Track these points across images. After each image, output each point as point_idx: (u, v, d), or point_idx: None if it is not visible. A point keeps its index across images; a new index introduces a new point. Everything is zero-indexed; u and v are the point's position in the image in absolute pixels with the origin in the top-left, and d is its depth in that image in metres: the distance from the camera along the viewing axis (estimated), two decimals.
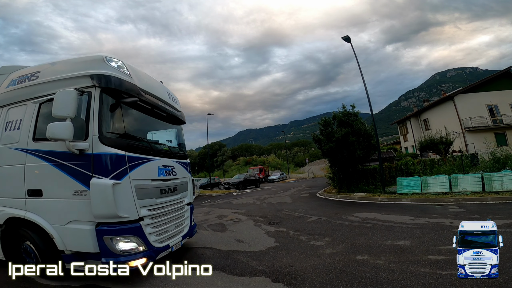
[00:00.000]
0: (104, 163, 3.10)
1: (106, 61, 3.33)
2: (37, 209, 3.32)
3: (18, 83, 3.74)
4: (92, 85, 3.21)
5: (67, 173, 3.18)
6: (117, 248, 3.11)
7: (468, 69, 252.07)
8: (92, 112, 3.16)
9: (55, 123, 2.91)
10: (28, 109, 3.55)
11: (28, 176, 3.39)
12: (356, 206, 9.47)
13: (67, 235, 3.18)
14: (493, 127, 22.63)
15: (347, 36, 12.81)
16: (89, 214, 3.06)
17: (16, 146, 3.52)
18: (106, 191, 3.00)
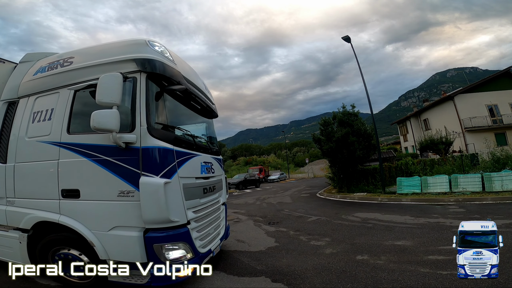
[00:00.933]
0: (154, 159, 2.72)
1: (150, 45, 2.98)
2: (73, 213, 2.90)
3: (48, 70, 3.32)
4: (137, 70, 2.84)
5: (111, 170, 2.76)
6: (167, 257, 2.76)
7: (468, 69, 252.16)
8: (139, 99, 2.77)
9: (100, 111, 2.49)
10: (61, 97, 3.13)
11: (63, 173, 2.97)
12: (356, 206, 9.47)
13: (111, 243, 2.78)
14: (493, 127, 22.64)
15: (347, 36, 12.82)
16: (137, 218, 2.68)
17: (46, 139, 3.09)
18: (159, 192, 2.61)
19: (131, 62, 2.87)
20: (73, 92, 3.08)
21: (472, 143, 21.52)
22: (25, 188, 3.22)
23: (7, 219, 3.34)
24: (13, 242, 3.32)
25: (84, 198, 2.88)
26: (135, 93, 2.79)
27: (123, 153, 2.73)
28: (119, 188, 2.74)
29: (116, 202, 2.76)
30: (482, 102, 23.13)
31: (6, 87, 3.64)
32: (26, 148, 3.24)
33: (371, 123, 13.28)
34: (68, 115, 3.05)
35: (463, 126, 22.79)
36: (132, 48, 2.98)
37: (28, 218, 3.14)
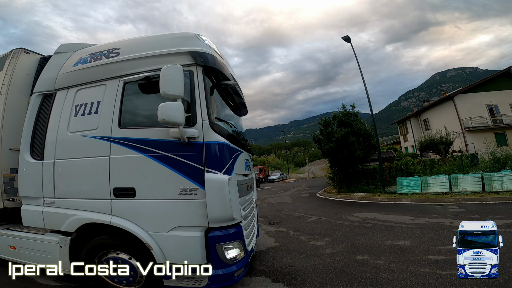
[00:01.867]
0: (216, 154, 2.59)
1: (200, 39, 2.88)
2: (127, 213, 2.70)
3: (91, 61, 3.11)
4: (193, 63, 2.71)
5: (171, 166, 2.58)
6: (227, 257, 2.61)
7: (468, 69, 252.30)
8: (198, 93, 2.66)
9: (168, 103, 2.35)
10: (108, 89, 2.94)
11: (115, 171, 2.74)
12: (356, 206, 9.47)
13: (170, 245, 2.61)
14: (493, 127, 22.63)
15: (347, 36, 12.82)
16: (199, 217, 2.55)
17: (94, 133, 2.87)
18: (224, 189, 2.50)
19: (186, 55, 2.74)
20: (123, 85, 2.88)
21: (472, 143, 21.51)
22: (67, 187, 2.98)
23: (44, 221, 3.08)
24: (51, 246, 3.08)
25: (140, 197, 2.67)
26: (193, 87, 2.67)
27: (185, 149, 2.57)
28: (180, 185, 2.57)
29: (177, 201, 2.59)
30: (482, 102, 23.12)
31: (40, 79, 3.41)
32: (68, 143, 2.99)
33: (371, 123, 13.28)
34: (119, 108, 2.84)
35: (463, 126, 22.78)
36: (184, 41, 2.85)
37: (72, 220, 2.90)
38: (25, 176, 3.22)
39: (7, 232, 3.58)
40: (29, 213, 3.19)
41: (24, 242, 3.34)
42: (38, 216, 3.10)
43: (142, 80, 2.77)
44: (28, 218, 3.21)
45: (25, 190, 3.23)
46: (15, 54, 3.71)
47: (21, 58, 3.73)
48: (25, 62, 3.76)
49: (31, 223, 3.21)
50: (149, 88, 2.78)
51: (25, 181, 3.22)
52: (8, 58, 3.70)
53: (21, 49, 3.79)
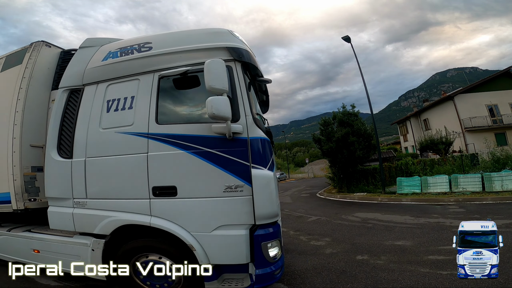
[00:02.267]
0: (261, 150, 2.53)
1: (234, 35, 2.82)
2: (168, 213, 2.57)
3: (121, 55, 2.99)
4: (231, 58, 2.66)
5: (215, 163, 2.49)
6: (270, 255, 2.51)
7: (468, 69, 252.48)
8: (239, 88, 2.60)
9: (216, 97, 2.27)
10: (143, 84, 2.83)
11: (154, 169, 2.61)
12: (356, 206, 9.48)
13: (213, 245, 2.50)
14: (493, 127, 22.64)
15: (347, 36, 12.83)
16: (245, 215, 2.45)
17: (129, 130, 2.73)
18: (271, 185, 2.47)
19: (223, 50, 2.67)
20: (158, 79, 2.78)
21: (472, 143, 21.51)
22: (101, 187, 2.82)
23: (74, 223, 2.89)
24: (81, 249, 2.89)
25: (182, 196, 2.55)
26: (233, 82, 2.60)
27: (229, 145, 2.48)
28: (225, 182, 2.47)
29: (222, 199, 2.48)
30: (482, 102, 23.12)
31: (67, 74, 3.24)
32: (100, 140, 2.84)
33: (371, 123, 13.29)
34: (155, 103, 2.73)
35: (463, 126, 22.78)
36: (219, 36, 2.78)
37: (108, 222, 2.74)
38: (52, 175, 3.02)
39: (30, 235, 3.37)
40: (57, 215, 2.99)
41: (50, 246, 3.14)
42: (68, 218, 2.91)
43: (178, 74, 2.67)
44: (56, 221, 3.02)
45: (52, 190, 3.02)
46: (36, 47, 3.55)
47: (42, 51, 3.56)
48: (46, 56, 3.60)
49: (59, 226, 3.01)
50: (185, 83, 2.71)
51: (52, 181, 3.02)
52: (28, 51, 3.53)
53: (42, 42, 3.62)
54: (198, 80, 2.64)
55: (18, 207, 3.27)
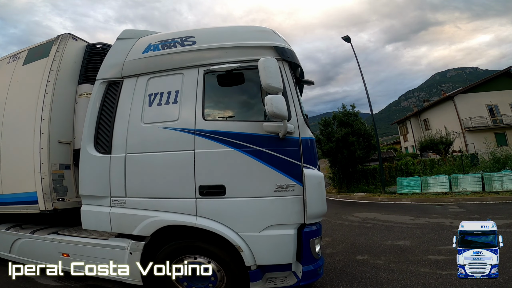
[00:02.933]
0: (311, 150, 2.54)
1: (278, 35, 2.78)
2: (215, 213, 2.48)
3: (163, 48, 2.87)
4: (279, 58, 2.59)
5: (266, 162, 2.43)
6: (316, 252, 2.54)
7: (468, 69, 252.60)
8: (289, 88, 2.56)
9: (275, 95, 2.22)
10: (187, 79, 2.73)
11: (201, 166, 2.50)
12: (356, 206, 9.48)
13: (261, 245, 2.44)
14: (493, 127, 22.63)
15: (347, 36, 12.83)
16: (295, 214, 2.43)
17: (174, 125, 2.62)
18: (322, 184, 2.51)
19: (270, 49, 2.62)
20: (203, 74, 2.69)
21: (472, 143, 21.50)
22: (142, 185, 2.66)
23: (111, 224, 2.72)
24: (118, 253, 2.71)
25: (230, 196, 2.46)
26: (283, 82, 2.51)
27: (280, 144, 2.44)
28: (277, 182, 2.42)
29: (273, 198, 2.43)
30: (482, 102, 23.12)
31: (104, 65, 3.10)
32: (142, 135, 2.71)
33: (371, 123, 13.30)
34: (201, 99, 2.63)
35: (463, 126, 22.78)
36: (263, 35, 2.74)
37: (149, 222, 2.60)
38: (88, 172, 2.85)
39: (58, 238, 3.17)
40: (92, 214, 2.82)
41: (82, 249, 2.95)
42: (104, 218, 2.74)
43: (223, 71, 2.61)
44: (90, 221, 2.85)
45: (87, 188, 2.86)
46: (63, 40, 3.46)
47: (69, 44, 3.47)
48: (72, 49, 3.51)
49: (94, 226, 2.85)
50: (230, 79, 2.66)
51: (88, 178, 2.85)
52: (55, 44, 3.44)
53: (69, 34, 3.54)
54: (243, 78, 2.64)
55: (46, 207, 3.07)
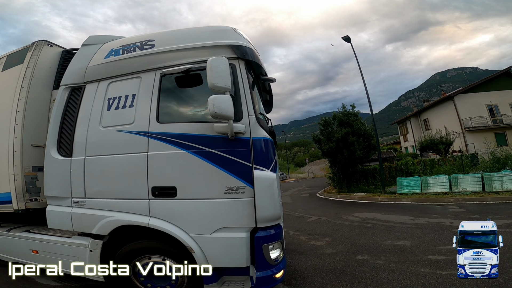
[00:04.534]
0: (263, 151, 2.47)
1: (238, 33, 2.75)
2: (167, 214, 2.52)
3: (124, 53, 2.93)
4: (235, 56, 2.59)
5: (216, 163, 2.42)
6: (271, 257, 2.46)
7: (468, 69, 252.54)
8: (242, 87, 2.54)
9: (218, 96, 2.21)
10: (144, 82, 2.78)
11: (153, 168, 2.56)
12: (356, 206, 9.48)
13: (213, 247, 2.45)
14: (493, 127, 22.65)
15: (347, 36, 12.83)
16: (246, 217, 2.40)
17: (130, 128, 2.68)
18: (273, 187, 2.42)
19: (227, 48, 2.61)
20: (160, 77, 2.73)
21: (472, 143, 21.51)
22: (100, 186, 2.78)
23: (72, 223, 2.85)
24: (79, 250, 2.87)
25: (181, 197, 2.49)
26: (237, 80, 2.54)
27: (230, 145, 2.42)
28: (226, 183, 2.40)
29: (223, 200, 2.42)
30: (482, 102, 23.13)
31: (68, 71, 3.21)
32: (100, 139, 2.80)
33: (371, 123, 13.29)
34: (156, 101, 2.67)
35: (463, 126, 22.78)
36: (223, 34, 2.72)
37: (105, 222, 2.69)
38: (51, 174, 2.98)
39: (29, 235, 3.37)
40: (56, 214, 2.96)
41: (49, 246, 3.12)
42: (66, 217, 2.87)
43: (180, 72, 2.63)
44: (54, 220, 2.98)
45: (51, 189, 2.99)
46: (38, 46, 3.53)
47: (44, 51, 3.56)
48: (47, 55, 3.59)
49: (57, 225, 2.98)
50: (187, 81, 2.66)
51: (51, 180, 2.98)
52: (30, 51, 3.52)
53: (44, 41, 3.61)
54: (201, 79, 2.60)
55: (19, 207, 3.25)
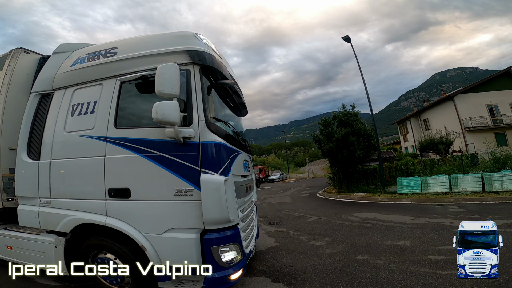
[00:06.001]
0: (213, 155, 2.56)
1: (198, 38, 2.85)
2: (122, 214, 2.68)
3: (88, 61, 3.10)
4: (190, 62, 2.68)
5: (166, 167, 2.56)
6: (222, 260, 2.55)
7: (468, 69, 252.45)
8: (195, 92, 2.62)
9: (163, 102, 2.31)
10: (105, 89, 2.93)
11: (110, 171, 2.72)
12: (356, 206, 9.47)
13: (164, 246, 2.58)
14: (493, 127, 22.64)
15: (347, 36, 12.82)
16: (194, 219, 2.51)
17: (90, 133, 2.85)
18: (220, 190, 2.47)
19: (183, 54, 2.71)
20: (119, 84, 2.87)
21: (472, 143, 21.51)
22: (63, 187, 2.98)
23: (40, 221, 3.10)
24: (46, 246, 3.09)
25: (135, 198, 2.65)
26: (190, 86, 2.63)
27: (180, 149, 2.54)
28: (176, 186, 2.54)
29: (172, 202, 2.56)
30: (482, 102, 23.13)
31: (39, 79, 3.42)
32: (64, 143, 3.01)
33: (371, 123, 13.28)
34: (115, 107, 2.82)
35: (463, 126, 22.78)
36: (181, 40, 2.82)
37: (67, 220, 2.90)
38: (21, 176, 3.23)
39: (5, 232, 3.60)
40: (25, 213, 3.20)
41: (21, 242, 3.36)
42: (34, 216, 3.11)
43: (138, 79, 2.75)
44: (24, 218, 3.23)
45: (21, 190, 3.24)
46: (15, 54, 3.72)
47: (21, 58, 3.75)
48: (25, 62, 3.78)
49: (27, 223, 3.22)
50: (146, 87, 2.73)
51: (22, 181, 3.23)
52: (8, 58, 3.71)
53: (21, 49, 3.80)
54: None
55: None
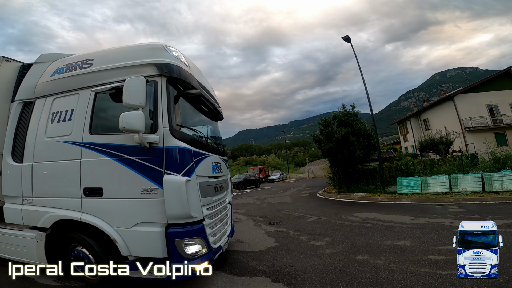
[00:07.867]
0: (176, 158, 2.88)
1: (167, 50, 3.12)
2: (96, 210, 3.01)
3: (66, 71, 3.40)
4: (157, 74, 2.98)
5: (134, 169, 2.89)
6: (186, 252, 2.89)
7: (468, 69, 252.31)
8: (160, 102, 2.92)
9: (128, 112, 2.62)
10: (81, 99, 3.24)
11: (85, 172, 3.06)
12: (356, 206, 9.47)
13: (133, 239, 2.91)
14: (493, 127, 22.65)
15: (347, 36, 12.82)
16: (159, 215, 2.83)
17: (67, 139, 3.17)
18: (181, 189, 2.78)
19: (152, 66, 3.00)
20: (94, 94, 3.17)
21: (472, 143, 21.52)
22: (44, 187, 3.28)
23: (23, 218, 3.38)
24: (29, 241, 3.34)
25: (107, 196, 2.98)
26: (156, 96, 2.94)
27: (146, 153, 2.86)
28: (142, 186, 2.86)
29: (139, 199, 2.89)
30: (482, 102, 23.14)
31: (21, 88, 3.66)
32: (45, 148, 3.31)
33: (371, 123, 13.28)
34: (90, 116, 3.15)
35: (463, 126, 22.79)
36: (151, 52, 3.10)
37: (47, 216, 3.20)
38: (7, 177, 3.51)
39: None
40: (10, 211, 3.48)
41: (6, 238, 3.60)
42: (18, 213, 3.40)
43: (111, 89, 3.03)
44: (9, 216, 3.49)
45: (7, 190, 3.51)
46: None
47: (2, 66, 3.93)
48: (6, 70, 3.96)
49: (12, 220, 3.49)
50: (118, 97, 2.96)
51: (7, 182, 3.51)
52: None
53: (2, 57, 3.97)
54: None
55: None
